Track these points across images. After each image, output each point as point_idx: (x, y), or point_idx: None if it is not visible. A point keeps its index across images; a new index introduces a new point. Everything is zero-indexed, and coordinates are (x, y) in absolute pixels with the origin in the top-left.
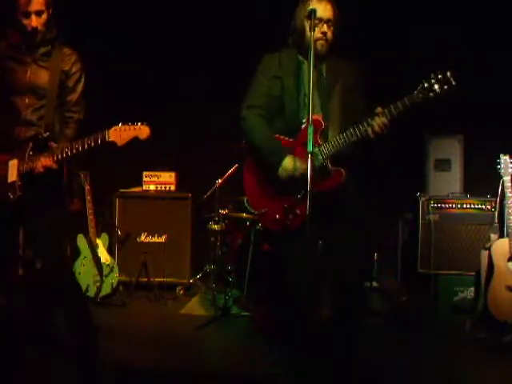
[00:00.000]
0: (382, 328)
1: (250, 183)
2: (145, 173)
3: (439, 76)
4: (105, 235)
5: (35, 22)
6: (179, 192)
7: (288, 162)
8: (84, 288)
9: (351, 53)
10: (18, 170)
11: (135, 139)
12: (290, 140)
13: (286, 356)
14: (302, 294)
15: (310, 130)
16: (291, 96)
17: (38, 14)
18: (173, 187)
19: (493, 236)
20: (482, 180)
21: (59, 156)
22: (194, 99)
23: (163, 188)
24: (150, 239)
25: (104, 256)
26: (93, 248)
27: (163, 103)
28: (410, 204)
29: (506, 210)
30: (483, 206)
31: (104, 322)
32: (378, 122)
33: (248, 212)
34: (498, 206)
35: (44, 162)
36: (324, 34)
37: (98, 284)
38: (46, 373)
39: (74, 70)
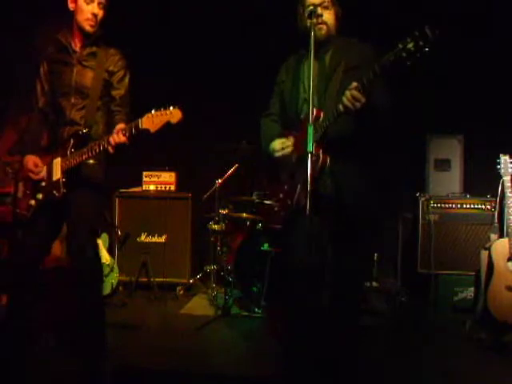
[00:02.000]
0: (382, 328)
1: (267, 182)
2: (145, 173)
3: (416, 33)
4: (105, 235)
5: (97, 9)
6: (179, 192)
7: (274, 144)
8: None
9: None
10: (62, 168)
11: (168, 124)
12: (296, 134)
13: (285, 356)
14: (303, 285)
15: (310, 129)
16: (289, 93)
17: (100, 4)
18: (173, 187)
19: (493, 236)
20: (481, 180)
21: (106, 144)
22: (193, 99)
23: (163, 188)
24: (149, 239)
25: (104, 256)
26: None
27: (163, 103)
28: (410, 204)
29: (505, 210)
30: (483, 206)
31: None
32: (348, 95)
33: (248, 211)
34: (498, 206)
35: (116, 138)
36: (319, 17)
37: None
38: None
39: (117, 68)
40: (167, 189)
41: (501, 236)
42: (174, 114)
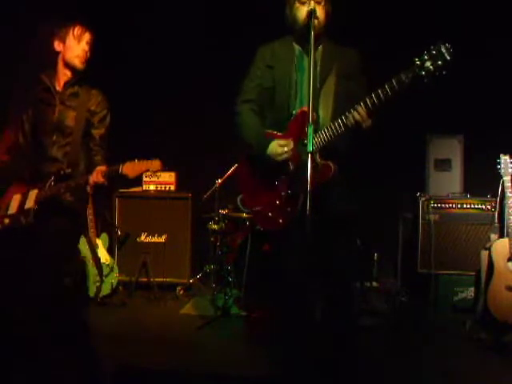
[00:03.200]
0: (382, 328)
1: (245, 181)
2: (145, 173)
3: (433, 51)
4: (105, 235)
5: (86, 47)
6: (179, 192)
7: (272, 148)
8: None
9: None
10: (36, 198)
11: (146, 171)
12: (280, 134)
13: (284, 356)
14: (299, 293)
15: (310, 129)
16: (282, 86)
17: (87, 44)
18: (173, 187)
19: (493, 236)
20: (482, 180)
21: (87, 182)
22: (193, 99)
23: (163, 188)
24: (149, 239)
25: (104, 256)
26: (93, 248)
27: (163, 103)
28: (410, 204)
29: (505, 210)
30: (483, 206)
31: (104, 321)
32: (355, 113)
33: (247, 212)
34: (498, 206)
35: (95, 178)
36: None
37: (98, 284)
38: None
39: (99, 108)
40: (167, 189)
41: (501, 236)
42: (154, 164)
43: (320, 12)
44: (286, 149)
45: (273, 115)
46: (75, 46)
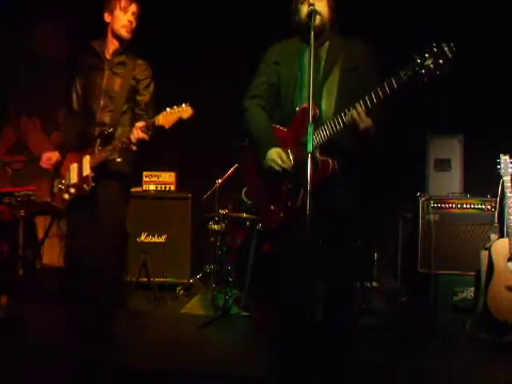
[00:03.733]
0: (381, 328)
1: (250, 174)
2: (145, 173)
3: (434, 49)
4: None
5: (132, 17)
6: (179, 192)
7: (270, 155)
8: None
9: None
10: (90, 164)
11: (180, 120)
12: (284, 130)
13: (283, 356)
14: (298, 292)
15: (310, 129)
16: (286, 83)
17: (134, 14)
18: (173, 187)
19: (493, 236)
20: (482, 180)
21: (130, 140)
22: (194, 99)
23: (163, 188)
24: (149, 239)
25: None
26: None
27: (163, 103)
28: (410, 204)
29: (505, 210)
30: (483, 206)
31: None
32: (353, 113)
33: (248, 211)
34: (498, 206)
35: (136, 135)
36: (312, 5)
37: None
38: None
39: (143, 76)
40: (167, 189)
41: (501, 236)
42: (185, 110)
43: (322, 8)
44: (279, 160)
45: (279, 111)
46: (122, 17)
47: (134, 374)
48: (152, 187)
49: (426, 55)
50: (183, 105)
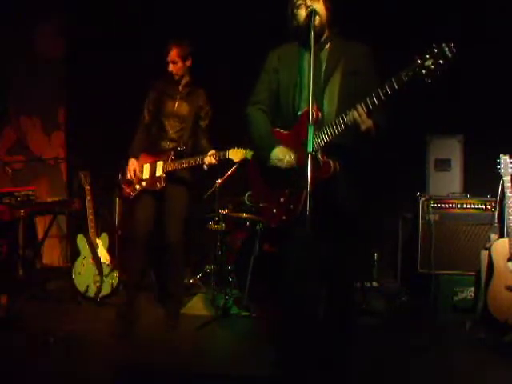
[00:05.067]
0: (381, 328)
1: (253, 178)
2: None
3: (434, 50)
4: (105, 235)
5: (171, 67)
6: None
7: (276, 153)
8: (84, 288)
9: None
10: (163, 168)
11: (245, 159)
12: (285, 132)
13: (284, 356)
14: (299, 293)
15: (311, 130)
16: (287, 88)
17: (174, 62)
18: None
19: (493, 236)
20: (481, 180)
21: (205, 161)
22: None
23: None
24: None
25: (104, 256)
26: (93, 248)
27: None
28: (410, 204)
29: (505, 210)
30: (483, 206)
31: (104, 321)
32: (354, 114)
33: (248, 211)
34: (498, 206)
35: (209, 160)
36: (308, 6)
37: (98, 284)
38: None
39: (205, 104)
40: None
41: (501, 236)
42: (248, 153)
43: (320, 9)
44: (287, 158)
45: (281, 117)
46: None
47: (134, 373)
48: None
49: (427, 56)
50: (248, 149)
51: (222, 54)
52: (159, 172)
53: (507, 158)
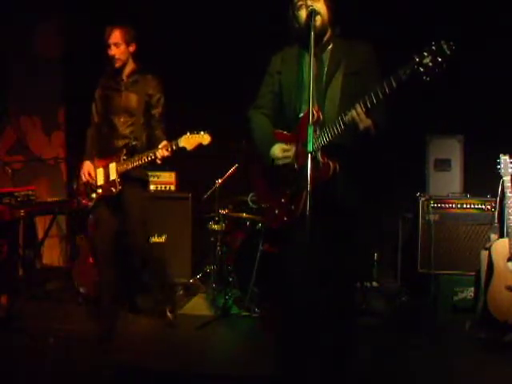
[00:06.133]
0: (382, 328)
1: (256, 179)
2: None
3: (432, 47)
4: None
5: (112, 50)
6: (179, 192)
7: (274, 150)
8: (84, 288)
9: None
10: (117, 170)
11: (200, 145)
12: (287, 134)
13: (284, 356)
14: (300, 294)
15: (310, 130)
16: (288, 90)
17: (116, 45)
18: (173, 187)
19: (493, 236)
20: (482, 180)
21: (155, 155)
22: (194, 99)
23: (163, 188)
24: (150, 239)
25: None
26: (93, 248)
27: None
28: (410, 204)
29: (505, 210)
30: (483, 206)
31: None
32: (353, 113)
33: (248, 211)
34: (498, 206)
35: (161, 153)
36: (309, 6)
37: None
38: None
39: (155, 91)
40: (167, 189)
41: (501, 236)
42: (205, 138)
43: (321, 8)
44: (287, 154)
45: (283, 119)
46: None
47: (134, 373)
48: (152, 187)
49: (425, 53)
50: (202, 132)
51: (221, 54)
52: (113, 175)
53: (507, 158)
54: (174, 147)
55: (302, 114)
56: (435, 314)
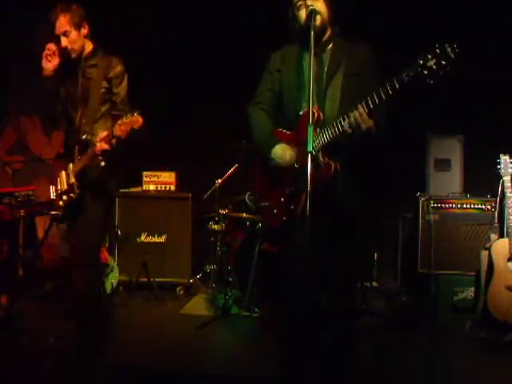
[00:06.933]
0: (382, 328)
1: (256, 178)
2: (145, 173)
3: (436, 50)
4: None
5: (64, 42)
6: (179, 192)
7: (276, 150)
8: None
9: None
10: (74, 172)
11: (132, 130)
12: (288, 133)
13: (284, 356)
14: (300, 294)
15: (310, 129)
16: (288, 89)
17: (65, 34)
18: (173, 187)
19: (493, 236)
20: (482, 180)
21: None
22: (194, 99)
23: (163, 188)
24: (149, 239)
25: (104, 256)
26: None
27: (163, 103)
28: (410, 204)
29: (505, 210)
30: (483, 206)
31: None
32: (355, 113)
33: (248, 211)
34: (498, 206)
35: (99, 147)
36: (309, 6)
37: None
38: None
39: (115, 74)
40: (167, 189)
41: (501, 236)
42: (135, 121)
43: (321, 7)
44: (287, 155)
45: (283, 118)
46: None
47: (134, 373)
48: (152, 187)
49: (429, 56)
50: (135, 114)
51: (221, 54)
52: (71, 179)
53: (507, 157)
54: (112, 137)
55: (301, 113)
56: (435, 314)
